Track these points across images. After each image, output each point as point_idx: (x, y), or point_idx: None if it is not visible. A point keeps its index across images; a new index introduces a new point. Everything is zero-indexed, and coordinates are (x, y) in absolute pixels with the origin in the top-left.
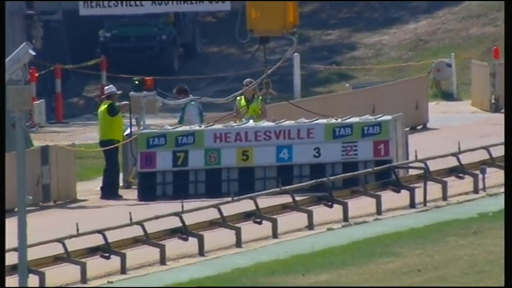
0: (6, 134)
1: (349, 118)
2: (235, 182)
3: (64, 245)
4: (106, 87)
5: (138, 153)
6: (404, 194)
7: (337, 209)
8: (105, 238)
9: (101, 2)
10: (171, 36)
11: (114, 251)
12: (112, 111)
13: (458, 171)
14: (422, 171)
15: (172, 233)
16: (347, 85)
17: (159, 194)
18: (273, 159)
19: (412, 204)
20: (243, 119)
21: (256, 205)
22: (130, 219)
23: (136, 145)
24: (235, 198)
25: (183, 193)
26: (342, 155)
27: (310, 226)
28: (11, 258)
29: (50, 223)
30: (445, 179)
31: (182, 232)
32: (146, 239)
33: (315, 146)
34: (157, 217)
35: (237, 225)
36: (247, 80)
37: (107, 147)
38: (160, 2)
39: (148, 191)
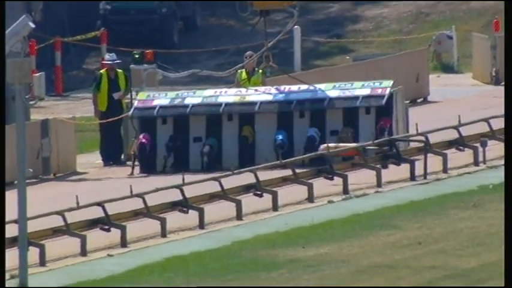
0: (6, 107)
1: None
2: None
3: (64, 218)
4: (107, 56)
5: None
6: (405, 166)
7: (338, 181)
8: (105, 211)
9: None
10: (171, 9)
11: (114, 223)
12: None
13: (458, 143)
14: (422, 144)
15: (173, 205)
16: (347, 58)
17: (159, 168)
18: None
19: (413, 177)
20: None
21: (257, 178)
22: (131, 191)
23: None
24: (235, 171)
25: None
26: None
27: (311, 199)
28: (11, 231)
29: (50, 196)
30: (446, 151)
31: (183, 205)
32: (147, 212)
33: None
34: (157, 190)
35: (237, 198)
36: (249, 52)
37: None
38: None
39: (148, 164)
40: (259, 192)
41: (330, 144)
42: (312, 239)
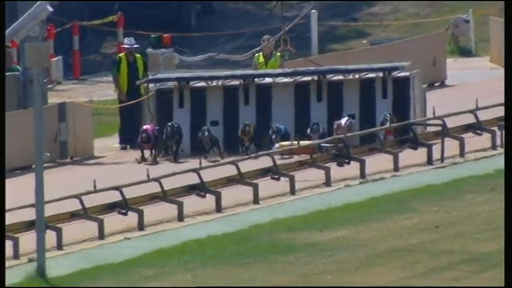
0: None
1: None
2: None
3: (81, 201)
4: (126, 40)
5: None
6: (422, 151)
7: (355, 165)
8: (122, 194)
9: None
10: None
11: (132, 207)
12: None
13: (475, 127)
14: (439, 128)
15: (190, 189)
16: (364, 42)
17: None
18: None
19: (430, 161)
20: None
21: (274, 162)
22: (148, 175)
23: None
24: (252, 155)
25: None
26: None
27: (328, 183)
28: (28, 214)
29: (67, 180)
30: (463, 135)
31: (200, 189)
32: (164, 196)
33: None
34: (174, 174)
35: (254, 181)
36: (266, 36)
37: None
38: None
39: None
40: (276, 176)
41: (283, 143)
42: (329, 223)
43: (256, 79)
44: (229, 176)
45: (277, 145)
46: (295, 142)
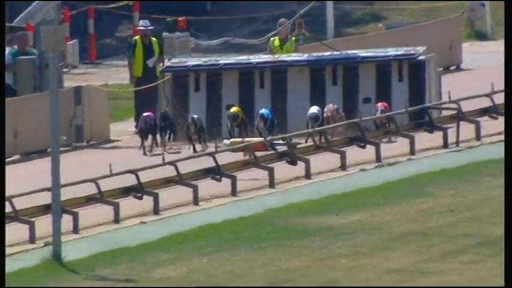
0: (39, 75)
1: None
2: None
3: (97, 185)
4: (141, 22)
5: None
6: (438, 134)
7: (370, 149)
8: (138, 178)
9: None
10: None
11: (147, 191)
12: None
13: (491, 111)
14: (455, 112)
15: (206, 173)
16: (380, 25)
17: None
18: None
19: (445, 145)
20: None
21: (290, 146)
22: (163, 159)
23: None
24: (267, 139)
25: (217, 133)
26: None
27: (343, 167)
28: (44, 198)
29: (83, 163)
30: (478, 119)
31: (215, 172)
32: (179, 180)
33: None
34: (190, 157)
35: (270, 165)
36: (282, 20)
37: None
38: None
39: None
40: (292, 160)
41: (235, 139)
42: (345, 207)
43: (270, 64)
44: (245, 160)
45: (228, 142)
46: (247, 139)
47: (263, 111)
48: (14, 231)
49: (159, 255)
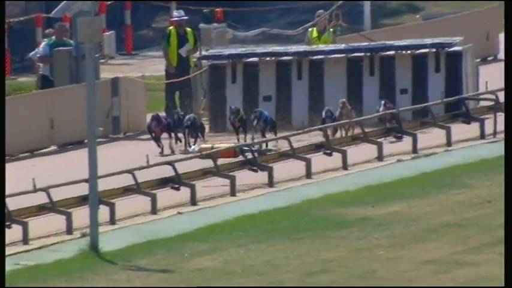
0: (76, 66)
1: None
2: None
3: (134, 176)
4: (175, 13)
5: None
6: (474, 125)
7: (407, 140)
8: (175, 169)
9: None
10: None
11: (184, 182)
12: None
13: None
14: (492, 103)
15: (243, 164)
16: (417, 16)
17: (229, 126)
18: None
19: (482, 136)
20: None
21: (326, 137)
22: (200, 151)
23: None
24: (305, 129)
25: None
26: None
27: (380, 158)
28: (81, 189)
29: (120, 155)
30: None
31: (252, 164)
32: (216, 171)
33: None
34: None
35: (307, 156)
36: (320, 11)
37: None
38: None
39: (219, 122)
40: (328, 151)
41: (203, 145)
42: (382, 198)
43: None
44: (282, 151)
45: (196, 148)
46: (216, 145)
47: (264, 112)
48: (51, 222)
49: (195, 246)
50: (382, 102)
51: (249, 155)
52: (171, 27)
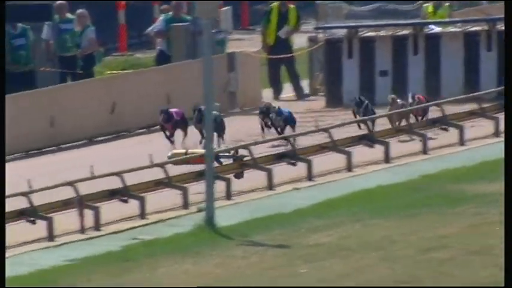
0: (193, 42)
1: None
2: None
3: (250, 152)
4: None
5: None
6: None
7: None
8: (291, 145)
9: None
10: None
11: (300, 157)
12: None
13: None
14: None
15: (360, 139)
16: None
17: (346, 102)
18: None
19: None
20: (428, 26)
21: (443, 112)
22: (316, 126)
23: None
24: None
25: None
26: None
27: (497, 133)
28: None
29: (236, 130)
30: None
31: (369, 139)
32: (333, 146)
33: None
34: (342, 124)
35: (422, 132)
36: None
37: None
38: None
39: (335, 98)
40: (445, 127)
41: (176, 151)
42: (499, 174)
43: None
44: (399, 127)
45: (169, 153)
46: (190, 150)
47: (282, 108)
48: (168, 197)
49: (312, 222)
50: (410, 94)
51: (225, 162)
52: (273, 4)
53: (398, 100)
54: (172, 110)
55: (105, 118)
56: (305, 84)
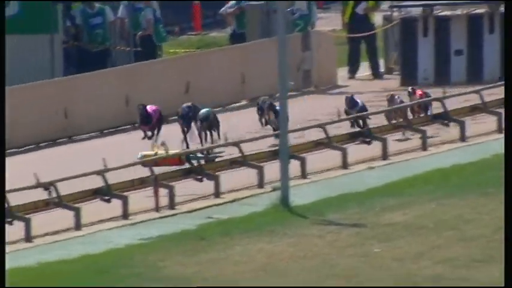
0: (267, 21)
1: None
2: None
3: (325, 130)
4: None
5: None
6: None
7: None
8: (365, 124)
9: None
10: None
11: (376, 136)
12: None
13: None
14: None
15: (434, 119)
16: None
17: (420, 81)
18: None
19: None
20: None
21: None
22: (388, 105)
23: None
24: (497, 83)
25: (445, 79)
26: None
27: None
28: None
29: (311, 108)
30: None
31: (443, 118)
32: (407, 125)
33: None
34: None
35: (498, 110)
36: None
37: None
38: None
39: (409, 77)
40: None
41: (146, 152)
42: None
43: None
44: (473, 104)
45: (139, 155)
46: (160, 152)
47: (274, 104)
48: (243, 176)
49: (386, 200)
50: (410, 89)
51: (195, 163)
52: None
53: (396, 97)
54: (149, 107)
55: (180, 97)
56: (380, 63)
